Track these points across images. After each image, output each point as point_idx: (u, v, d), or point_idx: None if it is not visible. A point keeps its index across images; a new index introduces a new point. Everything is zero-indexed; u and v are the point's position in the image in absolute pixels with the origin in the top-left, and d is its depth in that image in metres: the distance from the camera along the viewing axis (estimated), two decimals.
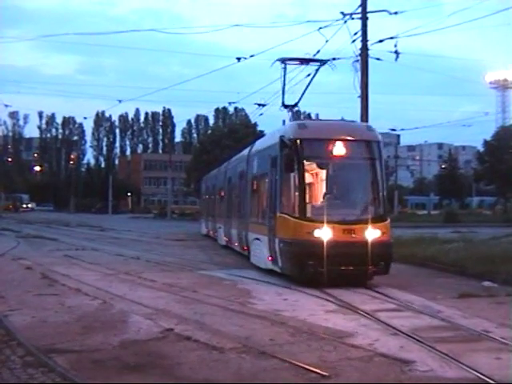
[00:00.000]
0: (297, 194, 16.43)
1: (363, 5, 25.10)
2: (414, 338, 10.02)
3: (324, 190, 17.18)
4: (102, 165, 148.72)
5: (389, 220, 16.94)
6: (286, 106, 21.59)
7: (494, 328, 10.89)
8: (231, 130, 75.94)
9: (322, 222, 15.67)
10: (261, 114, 35.27)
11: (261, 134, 51.32)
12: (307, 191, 16.92)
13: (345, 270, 15.61)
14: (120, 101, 39.35)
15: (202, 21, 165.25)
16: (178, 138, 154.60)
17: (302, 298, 14.36)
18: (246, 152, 24.83)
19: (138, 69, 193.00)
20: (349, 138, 16.92)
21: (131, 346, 9.52)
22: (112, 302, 13.35)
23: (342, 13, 24.77)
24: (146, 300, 13.57)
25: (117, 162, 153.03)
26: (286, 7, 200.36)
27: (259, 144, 22.33)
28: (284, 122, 21.76)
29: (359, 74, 25.29)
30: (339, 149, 16.52)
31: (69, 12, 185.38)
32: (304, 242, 15.74)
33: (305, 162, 16.65)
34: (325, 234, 15.57)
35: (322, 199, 17.12)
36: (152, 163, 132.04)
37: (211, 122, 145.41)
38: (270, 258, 17.89)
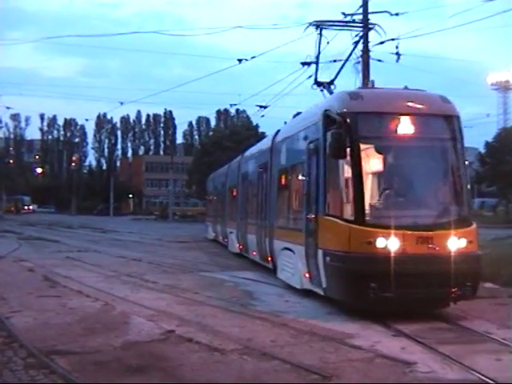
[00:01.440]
0: (351, 188, 12.25)
1: (364, 6, 25.07)
2: (415, 340, 10.04)
3: (387, 184, 12.92)
4: (104, 167, 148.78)
5: (475, 225, 12.60)
6: (319, 84, 19.13)
7: (495, 329, 10.88)
8: (233, 132, 76.07)
9: (389, 228, 11.64)
10: (262, 116, 35.31)
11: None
12: (366, 184, 12.43)
13: (419, 293, 11.58)
14: (122, 103, 39.30)
15: (204, 23, 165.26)
16: (179, 139, 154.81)
17: (304, 299, 14.35)
18: (267, 141, 21.07)
19: (139, 71, 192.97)
20: (420, 111, 12.75)
21: (133, 347, 9.54)
22: (113, 304, 13.36)
23: (344, 13, 24.75)
24: (148, 302, 13.58)
25: (118, 163, 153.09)
26: (288, 9, 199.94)
27: (288, 129, 18.20)
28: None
29: (360, 75, 25.25)
30: (408, 126, 12.51)
31: (71, 14, 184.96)
32: (363, 256, 11.63)
33: (361, 144, 12.37)
34: (392, 244, 11.56)
35: (384, 196, 12.59)
36: (153, 165, 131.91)
37: (213, 123, 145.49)
38: (307, 275, 13.87)
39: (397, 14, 25.06)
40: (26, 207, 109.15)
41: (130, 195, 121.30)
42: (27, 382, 7.62)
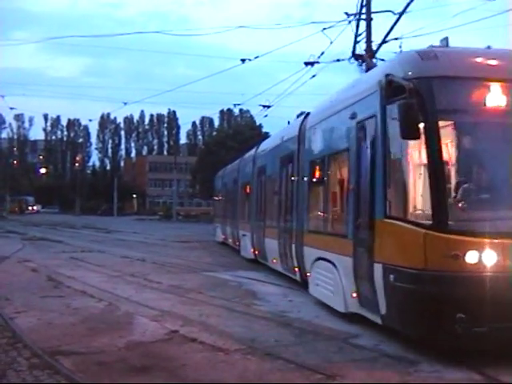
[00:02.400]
0: (426, 180, 9.10)
1: (367, 5, 25.03)
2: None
3: (478, 175, 9.54)
4: (108, 167, 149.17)
5: None
6: (357, 57, 18.25)
7: None
8: (236, 132, 76.22)
9: (482, 236, 8.49)
10: (266, 116, 35.34)
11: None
12: (447, 175, 9.24)
13: None
14: (125, 103, 39.34)
15: (208, 22, 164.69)
16: (183, 139, 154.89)
17: (308, 299, 14.33)
18: (293, 128, 17.38)
19: (143, 71, 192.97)
20: None
21: (137, 347, 9.53)
22: (117, 304, 13.36)
23: (346, 13, 24.72)
24: (152, 302, 13.58)
25: (122, 164, 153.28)
26: (293, 8, 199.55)
27: (323, 110, 14.27)
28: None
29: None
30: (502, 96, 9.23)
31: (75, 14, 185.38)
32: (447, 276, 8.49)
33: (440, 119, 9.16)
34: (488, 258, 8.41)
35: (474, 191, 9.09)
36: (157, 165, 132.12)
37: (216, 123, 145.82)
38: (354, 295, 10.89)
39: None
40: (29, 208, 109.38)
41: (134, 195, 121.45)
42: (31, 382, 7.61)
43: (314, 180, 14.45)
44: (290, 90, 30.52)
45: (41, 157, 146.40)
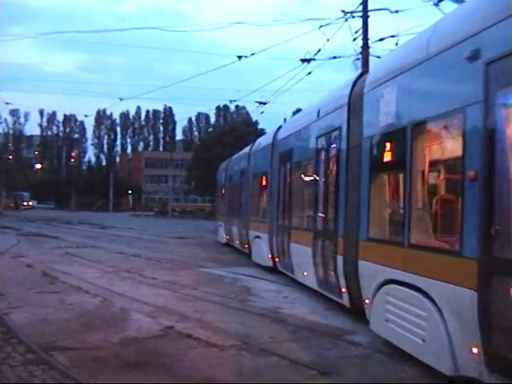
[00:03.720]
0: None
1: (364, 3, 25.05)
2: None
3: None
4: (103, 163, 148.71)
5: None
6: None
7: None
8: (232, 128, 76.08)
9: None
10: (262, 112, 35.32)
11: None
12: None
13: None
14: (121, 99, 39.33)
15: (206, 19, 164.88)
16: (179, 135, 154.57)
17: (302, 295, 14.37)
18: (338, 96, 12.61)
19: (140, 67, 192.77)
20: None
21: (132, 343, 9.54)
22: (112, 300, 13.37)
23: (343, 11, 24.75)
24: (147, 298, 13.60)
25: (118, 159, 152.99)
26: (291, 5, 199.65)
27: (394, 65, 9.69)
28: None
29: (360, 72, 25.27)
30: None
31: (73, 9, 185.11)
32: None
33: None
34: None
35: None
36: (153, 161, 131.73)
37: (212, 119, 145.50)
38: (476, 350, 6.72)
39: (396, 11, 25.07)
40: (25, 203, 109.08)
41: (130, 191, 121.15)
42: (26, 377, 7.61)
43: (382, 164, 9.95)
44: (286, 87, 30.71)
45: (36, 152, 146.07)
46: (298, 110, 19.04)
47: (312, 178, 14.40)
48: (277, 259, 18.10)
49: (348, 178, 11.46)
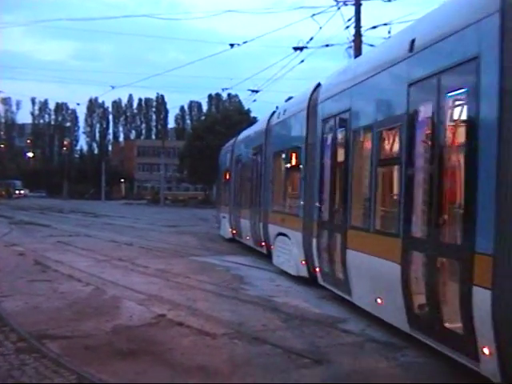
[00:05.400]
0: None
1: None
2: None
3: None
4: (95, 151, 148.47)
5: None
6: None
7: None
8: (224, 117, 75.95)
9: None
10: (254, 101, 35.30)
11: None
12: None
13: None
14: (113, 87, 39.36)
15: (199, 7, 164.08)
16: (171, 124, 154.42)
17: (295, 284, 14.37)
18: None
19: (132, 55, 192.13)
20: None
21: (124, 331, 9.53)
22: (104, 288, 13.35)
23: (336, 0, 24.67)
24: (139, 286, 13.59)
25: (110, 148, 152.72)
26: None
27: None
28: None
29: (352, 60, 25.22)
30: None
31: None
32: None
33: None
34: None
35: None
36: (145, 149, 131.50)
37: (204, 108, 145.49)
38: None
39: (389, 0, 25.00)
40: (17, 192, 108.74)
41: (122, 180, 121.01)
42: (18, 366, 7.59)
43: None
44: (278, 75, 30.56)
45: (28, 141, 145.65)
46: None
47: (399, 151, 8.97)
48: (317, 269, 12.96)
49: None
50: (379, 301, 9.48)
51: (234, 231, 24.32)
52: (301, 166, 14.90)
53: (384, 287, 9.17)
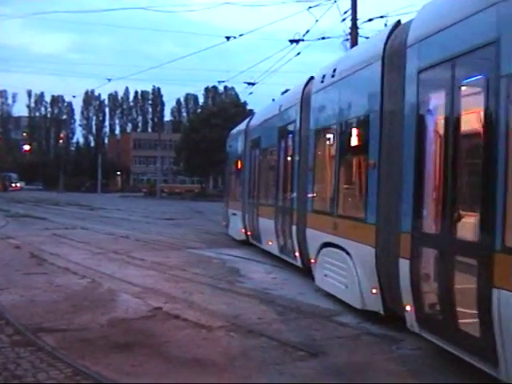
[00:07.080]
0: None
1: None
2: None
3: None
4: (92, 144, 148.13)
5: None
6: None
7: None
8: (221, 109, 75.87)
9: None
10: (250, 93, 35.26)
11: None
12: None
13: None
14: (109, 79, 39.27)
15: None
16: (167, 116, 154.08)
17: (291, 276, 14.37)
18: None
19: (129, 47, 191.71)
20: None
21: (120, 324, 9.52)
22: (101, 281, 13.33)
23: None
24: (135, 279, 13.57)
25: (106, 140, 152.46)
26: None
27: None
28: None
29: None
30: None
31: None
32: None
33: None
34: None
35: None
36: (141, 142, 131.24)
37: (201, 100, 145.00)
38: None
39: None
40: (13, 184, 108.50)
41: (118, 172, 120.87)
42: (13, 359, 7.57)
43: None
44: (274, 68, 30.42)
45: (24, 133, 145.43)
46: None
47: None
48: (410, 309, 8.07)
49: None
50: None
51: (249, 232, 20.30)
52: (370, 146, 9.95)
53: None
